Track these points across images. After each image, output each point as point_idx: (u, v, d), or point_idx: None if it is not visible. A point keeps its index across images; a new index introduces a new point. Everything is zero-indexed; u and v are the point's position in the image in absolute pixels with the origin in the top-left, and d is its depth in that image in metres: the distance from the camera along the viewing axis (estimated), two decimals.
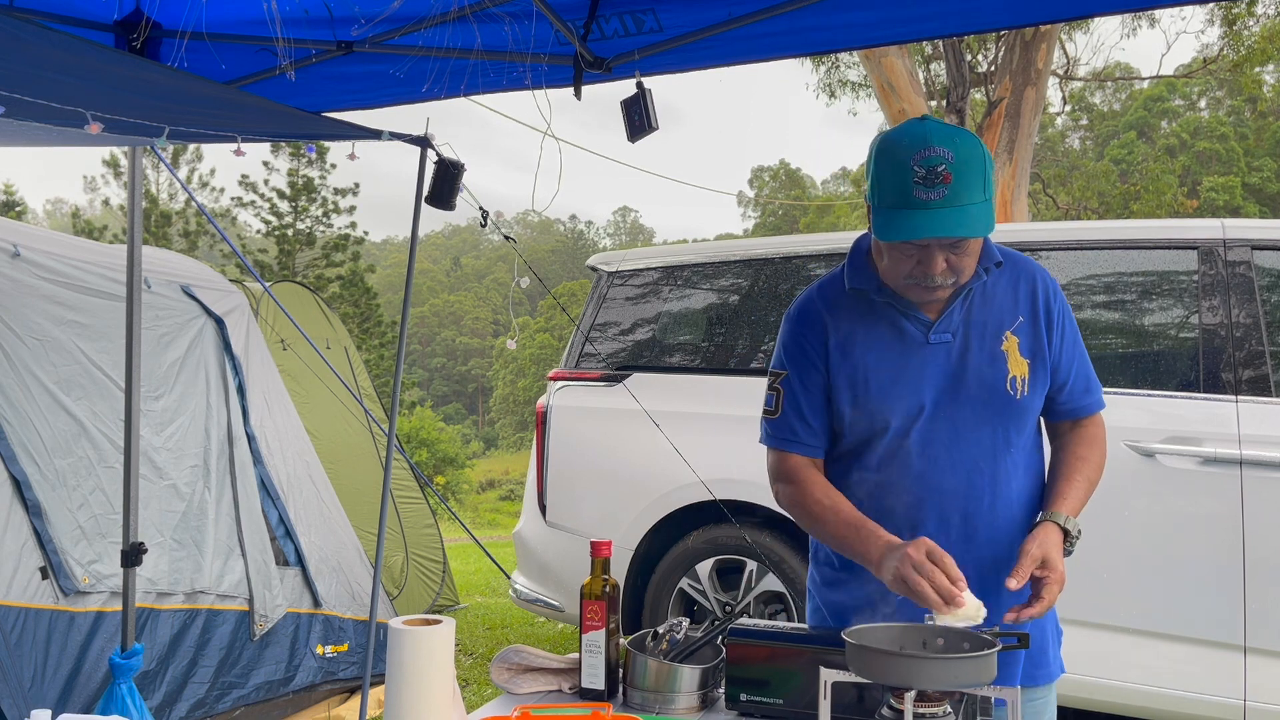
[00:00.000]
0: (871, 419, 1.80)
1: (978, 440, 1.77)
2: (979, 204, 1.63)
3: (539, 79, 2.72)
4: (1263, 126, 37.27)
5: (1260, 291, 3.30)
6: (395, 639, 1.47)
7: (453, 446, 31.30)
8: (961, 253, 1.68)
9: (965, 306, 1.80)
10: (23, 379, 3.33)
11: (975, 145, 1.65)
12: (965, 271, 1.72)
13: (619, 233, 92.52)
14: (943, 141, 1.62)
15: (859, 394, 1.81)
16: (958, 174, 1.61)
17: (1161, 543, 3.21)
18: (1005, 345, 1.79)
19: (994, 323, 1.80)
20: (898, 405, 1.78)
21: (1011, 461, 1.79)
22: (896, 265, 1.73)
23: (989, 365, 1.77)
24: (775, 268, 4.17)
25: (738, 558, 3.89)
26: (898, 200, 1.64)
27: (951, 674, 1.35)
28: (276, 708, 3.95)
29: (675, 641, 1.83)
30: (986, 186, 1.65)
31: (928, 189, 1.61)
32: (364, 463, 5.74)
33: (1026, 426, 1.82)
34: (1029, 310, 1.82)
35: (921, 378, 1.78)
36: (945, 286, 1.72)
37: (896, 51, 10.02)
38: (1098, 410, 1.91)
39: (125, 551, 3.18)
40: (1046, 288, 1.84)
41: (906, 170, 1.62)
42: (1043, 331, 1.81)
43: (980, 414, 1.77)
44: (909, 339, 1.80)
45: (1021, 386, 1.78)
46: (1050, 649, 1.88)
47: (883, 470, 1.81)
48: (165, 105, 2.40)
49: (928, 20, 2.55)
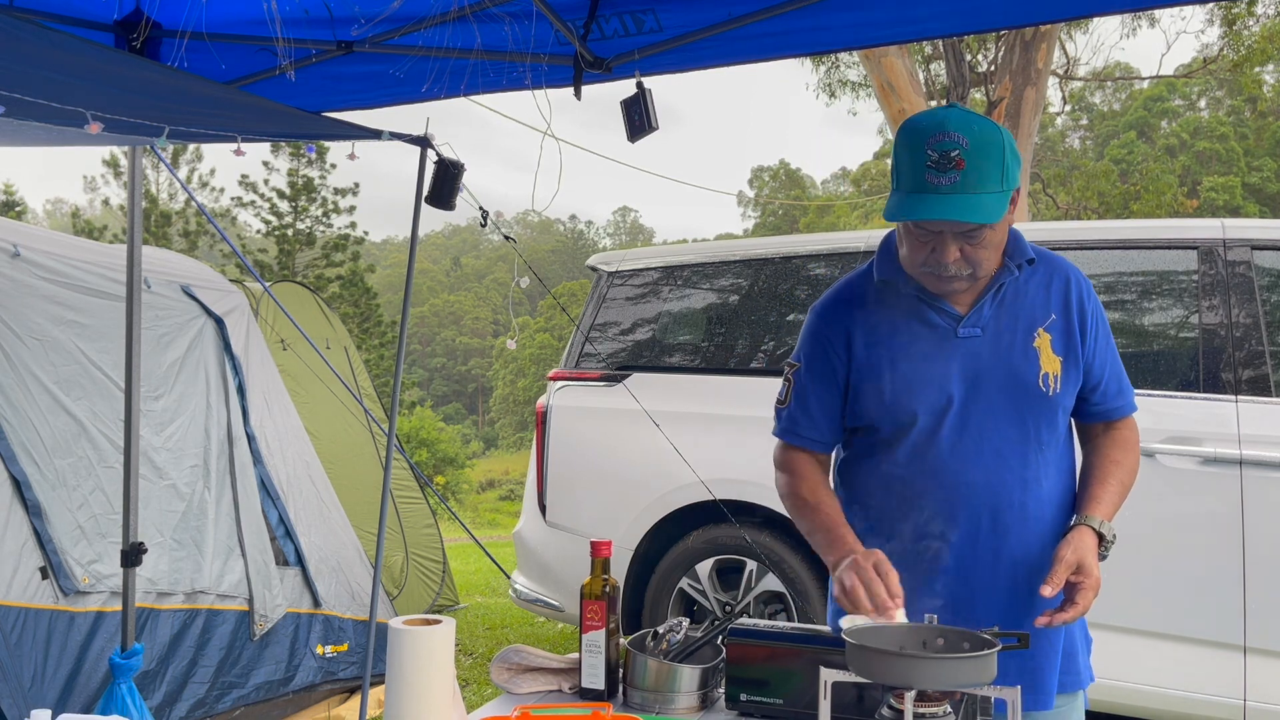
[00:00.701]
0: (899, 411, 1.78)
1: (1008, 437, 1.76)
2: (993, 194, 1.62)
3: (539, 79, 2.72)
4: (1263, 126, 37.26)
5: (1260, 291, 3.30)
6: (395, 639, 1.47)
7: (453, 446, 31.30)
8: (978, 244, 1.67)
9: (996, 301, 1.78)
10: (23, 379, 3.33)
11: (995, 134, 1.64)
12: (983, 264, 1.71)
13: (619, 233, 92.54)
14: (959, 128, 1.62)
15: (885, 385, 1.79)
16: (971, 160, 1.60)
17: (1161, 543, 3.21)
18: (1038, 342, 1.77)
19: (1026, 319, 1.78)
20: (924, 397, 1.76)
21: (1043, 460, 1.78)
22: (912, 252, 1.73)
23: (1021, 361, 1.76)
24: (775, 268, 4.17)
25: (738, 558, 3.89)
26: (911, 183, 1.64)
27: (951, 674, 1.35)
28: (276, 708, 3.94)
29: (675, 641, 1.83)
30: (1006, 177, 1.64)
31: (940, 173, 1.61)
32: (364, 463, 5.74)
33: (1058, 425, 1.80)
34: (1062, 308, 1.80)
35: (949, 371, 1.76)
36: (961, 278, 1.71)
37: (896, 51, 10.02)
38: (1130, 413, 1.90)
39: (125, 551, 3.18)
40: (1080, 287, 1.82)
41: (921, 154, 1.63)
42: (1076, 330, 1.79)
43: (1011, 410, 1.76)
44: (938, 332, 1.78)
45: (1054, 384, 1.76)
46: (1080, 656, 1.86)
47: (912, 464, 1.79)
48: (165, 105, 2.40)
49: (928, 20, 2.55)
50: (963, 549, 1.76)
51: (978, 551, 1.76)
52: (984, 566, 1.76)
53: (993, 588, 1.77)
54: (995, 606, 1.76)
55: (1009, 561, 1.76)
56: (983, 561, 1.76)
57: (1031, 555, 1.76)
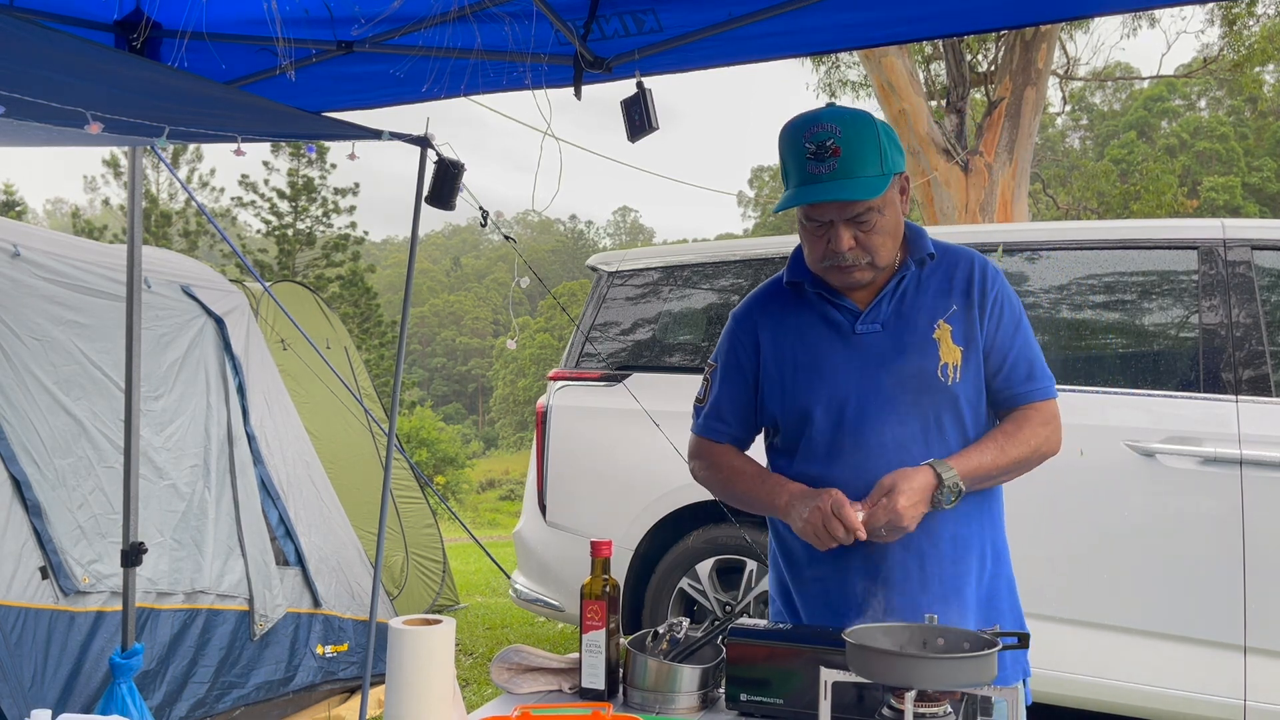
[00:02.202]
0: (797, 407, 1.87)
1: (909, 428, 1.80)
2: (873, 176, 1.72)
3: (539, 79, 2.72)
4: (1263, 126, 37.25)
5: (1260, 291, 3.30)
6: (395, 639, 1.47)
7: (453, 446, 31.29)
8: (870, 230, 1.76)
9: (896, 297, 1.84)
10: (23, 379, 3.33)
11: (868, 122, 1.75)
12: (879, 252, 1.78)
13: (619, 233, 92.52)
14: (832, 119, 1.74)
15: (786, 383, 1.89)
16: (847, 147, 1.71)
17: (1161, 543, 3.21)
18: (937, 334, 1.82)
19: (926, 312, 1.83)
20: (820, 393, 1.84)
21: (945, 449, 1.80)
22: (812, 248, 1.82)
23: (919, 353, 1.81)
24: (775, 268, 4.16)
25: (738, 558, 3.89)
26: (797, 177, 1.75)
27: (951, 674, 1.35)
28: (276, 708, 3.95)
29: (675, 641, 1.83)
30: (885, 160, 1.73)
31: (819, 162, 1.72)
32: (364, 463, 5.74)
33: (963, 415, 1.82)
34: (963, 298, 1.84)
35: (846, 367, 1.83)
36: (860, 266, 1.78)
37: (896, 51, 10.02)
38: (1042, 399, 1.86)
39: (125, 551, 3.18)
40: (983, 275, 1.86)
41: (800, 147, 1.74)
42: (975, 317, 1.83)
43: (912, 401, 1.80)
44: (836, 329, 1.86)
45: (954, 373, 1.80)
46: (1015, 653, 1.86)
47: (817, 461, 1.85)
48: (165, 105, 2.40)
49: (928, 20, 2.55)
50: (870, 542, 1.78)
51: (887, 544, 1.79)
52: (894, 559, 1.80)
53: (905, 579, 1.80)
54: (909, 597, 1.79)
55: (918, 546, 1.79)
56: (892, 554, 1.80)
57: (936, 541, 1.80)
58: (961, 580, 1.82)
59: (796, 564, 1.95)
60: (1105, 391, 3.39)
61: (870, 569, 1.81)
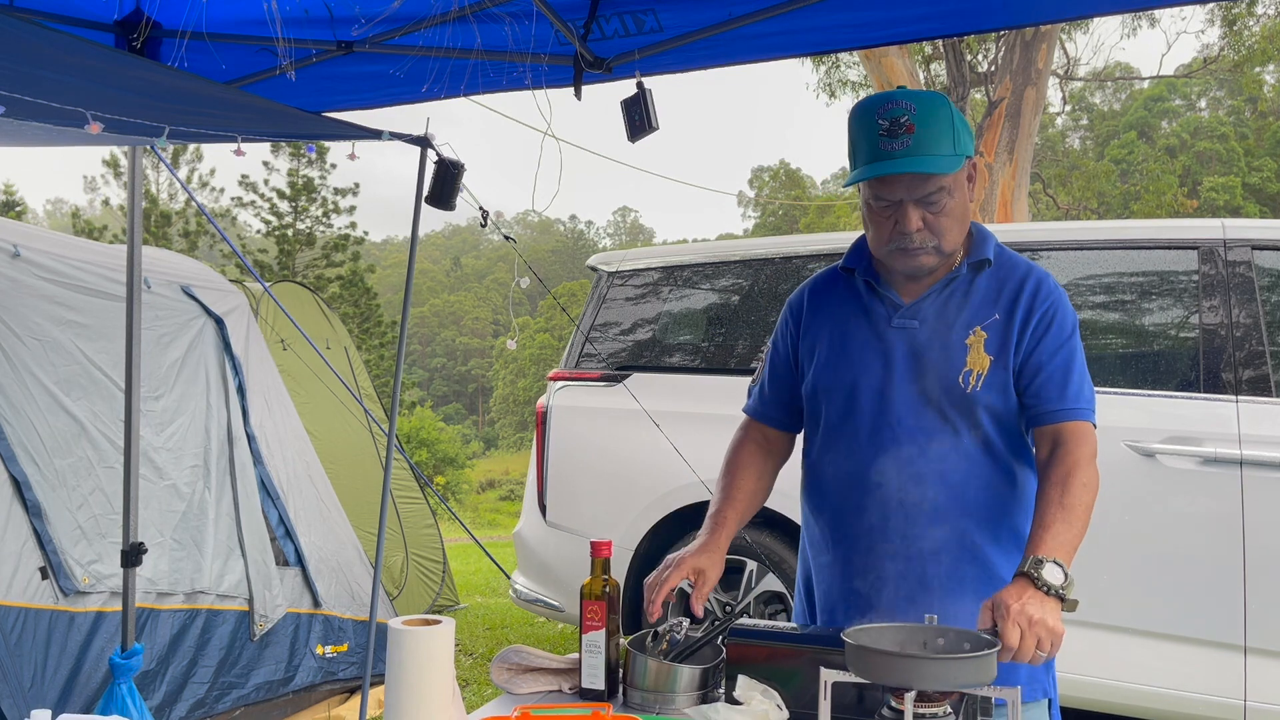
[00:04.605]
0: (813, 391, 1.91)
1: (925, 425, 1.80)
2: (946, 156, 1.71)
3: (539, 79, 2.72)
4: (1263, 126, 37.24)
5: (1260, 291, 3.30)
6: (395, 639, 1.47)
7: (453, 446, 31.28)
8: (939, 211, 1.74)
9: (942, 298, 1.83)
10: (23, 379, 3.33)
11: (942, 102, 1.74)
12: (946, 235, 1.77)
13: (619, 233, 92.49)
14: (906, 97, 1.73)
15: (811, 367, 1.92)
16: (921, 124, 1.70)
17: (1161, 543, 3.21)
18: (970, 339, 1.81)
19: (966, 317, 1.82)
20: (837, 379, 1.87)
21: (960, 452, 1.78)
22: (878, 229, 1.80)
23: (944, 356, 1.80)
24: (775, 268, 4.17)
25: (738, 558, 3.89)
26: (868, 154, 1.74)
27: (951, 674, 1.35)
28: (276, 708, 3.94)
29: (675, 641, 1.83)
30: (957, 142, 1.73)
31: (892, 139, 1.71)
32: (364, 463, 5.74)
33: (980, 421, 1.79)
34: (1007, 309, 1.81)
35: (874, 358, 1.84)
36: (927, 250, 1.77)
37: (896, 51, 10.02)
38: (1075, 419, 1.76)
39: (125, 551, 3.18)
40: (1035, 290, 1.81)
41: (873, 125, 1.73)
42: (1015, 330, 1.80)
43: (932, 402, 1.80)
44: (874, 320, 1.87)
45: (975, 381, 1.79)
46: (1038, 668, 1.81)
47: (825, 446, 1.90)
48: (165, 105, 2.40)
49: (928, 20, 2.55)
50: (873, 537, 1.81)
51: (889, 538, 1.80)
52: (896, 556, 1.80)
53: (903, 577, 1.80)
54: (901, 595, 1.79)
55: (920, 544, 1.79)
56: (896, 551, 1.80)
57: (943, 542, 1.79)
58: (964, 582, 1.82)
59: (816, 548, 2.01)
60: (1105, 391, 3.39)
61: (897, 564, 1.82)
